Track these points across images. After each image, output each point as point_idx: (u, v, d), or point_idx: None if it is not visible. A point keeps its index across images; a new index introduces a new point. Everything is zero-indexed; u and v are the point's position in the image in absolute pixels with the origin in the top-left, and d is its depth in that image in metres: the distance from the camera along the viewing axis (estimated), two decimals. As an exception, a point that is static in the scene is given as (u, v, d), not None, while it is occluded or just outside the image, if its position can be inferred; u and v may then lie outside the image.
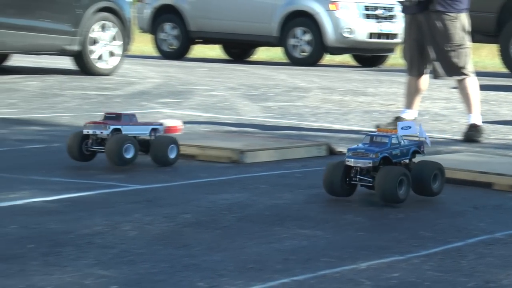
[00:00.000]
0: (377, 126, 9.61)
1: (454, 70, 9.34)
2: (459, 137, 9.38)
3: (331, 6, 19.51)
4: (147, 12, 20.73)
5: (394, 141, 6.02)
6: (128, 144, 6.98)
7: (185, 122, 9.35)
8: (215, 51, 21.87)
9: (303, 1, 19.73)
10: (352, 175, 5.99)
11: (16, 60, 16.12)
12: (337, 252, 5.12)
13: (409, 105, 9.66)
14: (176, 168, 7.40)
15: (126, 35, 15.67)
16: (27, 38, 14.55)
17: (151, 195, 6.48)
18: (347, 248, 5.20)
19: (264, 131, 9.74)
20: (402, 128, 6.18)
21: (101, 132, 7.01)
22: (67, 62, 15.61)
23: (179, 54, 20.67)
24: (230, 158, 7.66)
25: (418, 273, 4.72)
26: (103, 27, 15.32)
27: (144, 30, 21.05)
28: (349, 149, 6.01)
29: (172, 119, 9.31)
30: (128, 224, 5.59)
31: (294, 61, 19.57)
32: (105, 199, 6.36)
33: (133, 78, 14.93)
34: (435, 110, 11.87)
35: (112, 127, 7.04)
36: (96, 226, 5.51)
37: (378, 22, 19.83)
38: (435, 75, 9.50)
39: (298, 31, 19.65)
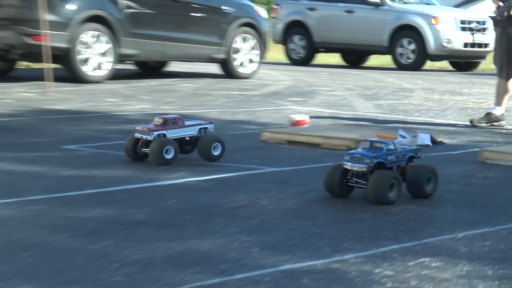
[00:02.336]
0: (471, 121, 9.55)
1: None
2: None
3: (433, 21, 19.36)
4: (280, 26, 20.73)
5: (390, 147, 5.53)
6: (169, 146, 6.67)
7: (311, 117, 9.41)
8: (335, 58, 21.78)
9: (409, 17, 19.57)
10: (349, 177, 5.50)
11: (173, 66, 16.30)
12: (438, 224, 5.10)
13: (498, 103, 9.69)
14: (305, 154, 7.41)
15: (262, 46, 15.72)
16: (183, 48, 14.71)
17: (284, 176, 6.51)
18: (446, 221, 5.18)
19: (376, 124, 9.70)
20: (400, 136, 5.80)
21: (146, 138, 6.71)
22: (214, 68, 15.73)
23: (305, 61, 20.62)
24: (348, 146, 7.63)
25: (507, 242, 4.69)
26: (244, 39, 15.39)
27: (277, 41, 21.07)
28: (347, 153, 5.54)
29: (300, 114, 9.37)
30: (266, 199, 5.64)
31: (401, 67, 19.42)
32: (247, 179, 6.42)
33: (268, 81, 14.97)
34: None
35: (155, 133, 6.69)
36: (240, 201, 5.57)
37: (472, 33, 19.60)
38: None
39: (405, 41, 19.49)
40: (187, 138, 6.96)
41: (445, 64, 21.10)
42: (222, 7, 15.16)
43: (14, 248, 4.37)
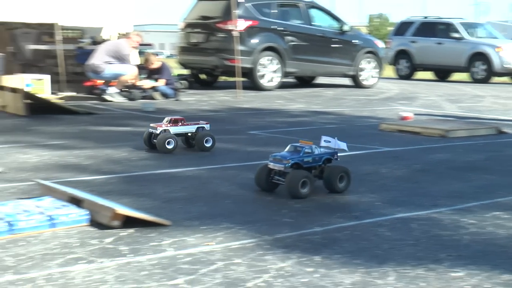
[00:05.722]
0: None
1: None
2: None
3: (497, 49, 18.64)
4: (391, 53, 20.33)
5: (307, 150, 4.57)
6: (169, 139, 6.06)
7: (414, 114, 9.17)
8: (428, 74, 21.19)
9: (481, 46, 18.88)
10: (272, 175, 4.55)
11: (319, 80, 16.21)
12: (507, 188, 4.83)
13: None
14: (410, 139, 7.20)
15: (380, 66, 15.43)
16: (326, 68, 14.61)
17: (396, 153, 6.33)
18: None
19: (459, 119, 9.33)
20: (324, 141, 4.75)
21: (155, 132, 6.16)
22: (346, 81, 15.54)
23: (408, 76, 20.21)
24: (440, 134, 7.39)
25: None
26: (368, 61, 15.15)
27: (389, 63, 20.66)
28: (271, 155, 4.57)
29: (406, 112, 9.14)
30: (384, 169, 5.50)
31: (475, 80, 18.80)
32: (371, 155, 6.28)
33: (383, 90, 14.68)
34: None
35: (160, 129, 6.14)
36: (367, 170, 5.45)
37: (525, 58, 18.82)
38: None
39: (478, 63, 18.81)
40: (189, 134, 6.33)
41: (506, 79, 20.24)
42: (353, 41, 14.96)
43: (218, 197, 4.39)
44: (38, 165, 5.40)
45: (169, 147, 6.07)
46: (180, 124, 6.26)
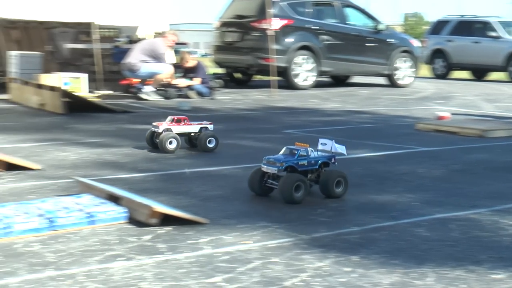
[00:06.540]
0: None
1: None
2: None
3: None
4: (427, 52, 20.10)
5: (302, 153, 4.32)
6: (171, 139, 5.90)
7: (451, 114, 9.06)
8: (464, 74, 20.92)
9: (518, 45, 18.75)
10: (265, 179, 4.33)
11: (354, 79, 16.10)
12: (546, 189, 4.77)
13: None
14: (447, 139, 7.12)
15: (415, 65, 15.28)
16: (361, 67, 14.51)
17: (433, 153, 6.27)
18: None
19: (497, 119, 9.20)
20: (321, 144, 4.49)
21: (157, 130, 6.01)
22: (381, 80, 15.42)
23: (444, 76, 19.98)
24: (478, 134, 7.30)
25: None
26: (403, 61, 15.02)
27: (425, 63, 20.44)
28: (264, 158, 4.35)
29: (443, 111, 9.04)
30: (421, 169, 5.45)
31: (512, 80, 18.62)
32: (407, 155, 6.22)
33: (419, 89, 14.54)
34: None
35: (162, 128, 5.97)
36: (403, 169, 5.41)
37: None
38: None
39: (515, 62, 18.64)
40: (192, 134, 6.16)
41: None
42: (388, 40, 14.85)
43: (254, 196, 4.38)
44: (77, 162, 5.46)
45: (171, 146, 5.92)
46: (182, 123, 6.12)
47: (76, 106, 8.84)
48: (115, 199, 3.84)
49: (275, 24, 12.95)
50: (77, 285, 2.71)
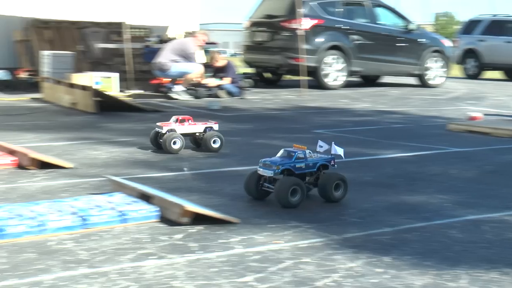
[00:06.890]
0: None
1: None
2: None
3: None
4: (459, 52, 19.90)
5: (300, 155, 4.16)
6: (175, 139, 5.83)
7: (483, 114, 8.96)
8: (497, 74, 20.67)
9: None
10: (261, 182, 4.20)
11: (385, 79, 16.00)
12: None
13: None
14: (479, 140, 7.04)
15: (447, 65, 15.15)
16: (392, 67, 14.43)
17: (466, 154, 6.20)
18: None
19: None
20: (319, 146, 4.31)
21: (161, 130, 5.95)
22: (412, 80, 15.30)
23: (476, 76, 19.78)
24: (511, 135, 7.20)
25: None
26: (434, 61, 14.89)
27: (456, 63, 20.25)
28: (260, 161, 4.21)
29: (475, 112, 8.95)
30: (454, 170, 5.39)
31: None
32: (439, 156, 6.16)
33: (450, 89, 14.40)
34: None
35: (166, 128, 5.91)
36: (435, 170, 5.36)
37: None
38: None
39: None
40: (197, 134, 6.09)
41: None
42: (419, 40, 14.74)
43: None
44: (108, 161, 5.50)
45: (175, 147, 5.84)
46: (187, 123, 6.05)
47: (107, 105, 8.92)
48: (146, 197, 3.87)
49: (305, 24, 12.93)
50: (110, 283, 2.73)
